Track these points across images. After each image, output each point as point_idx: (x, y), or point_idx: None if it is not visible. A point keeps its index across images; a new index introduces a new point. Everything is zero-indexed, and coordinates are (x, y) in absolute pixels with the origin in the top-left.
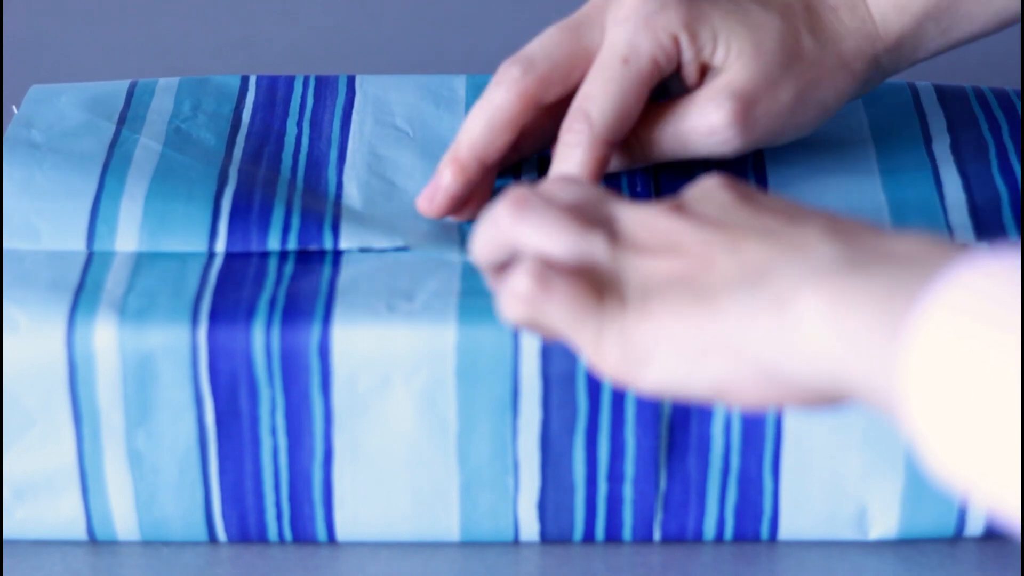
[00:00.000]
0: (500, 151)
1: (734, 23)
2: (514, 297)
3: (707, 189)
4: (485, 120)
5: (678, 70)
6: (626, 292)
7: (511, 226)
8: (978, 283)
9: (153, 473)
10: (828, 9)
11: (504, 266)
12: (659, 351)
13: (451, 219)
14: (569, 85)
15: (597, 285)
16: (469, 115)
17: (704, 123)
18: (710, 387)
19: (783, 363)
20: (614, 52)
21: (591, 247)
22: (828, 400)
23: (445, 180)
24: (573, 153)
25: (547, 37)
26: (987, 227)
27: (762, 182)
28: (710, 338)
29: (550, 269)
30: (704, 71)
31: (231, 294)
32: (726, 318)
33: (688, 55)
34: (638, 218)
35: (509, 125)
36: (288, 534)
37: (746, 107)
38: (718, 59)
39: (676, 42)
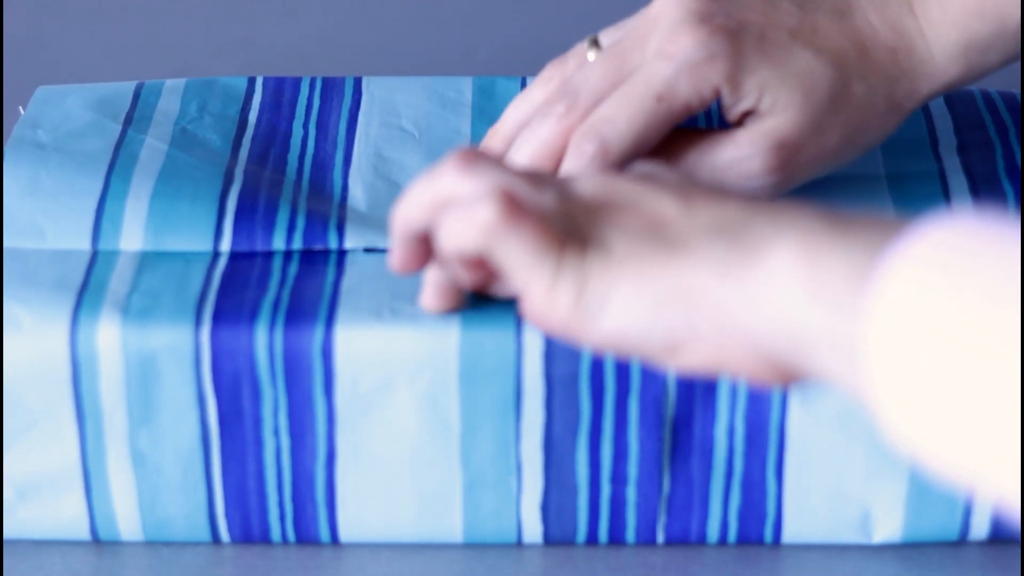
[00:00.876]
0: None
1: (784, 73)
2: (472, 223)
3: (659, 169)
4: (530, 152)
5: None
6: (587, 239)
7: (455, 181)
8: (943, 237)
9: (156, 473)
10: (885, 51)
11: (420, 241)
12: (617, 298)
13: None
14: None
15: (558, 230)
16: (515, 145)
17: (743, 168)
18: (664, 340)
19: (746, 317)
20: (649, 86)
21: (546, 199)
22: (778, 371)
23: None
24: (581, 169)
25: (591, 69)
26: None
27: None
28: (673, 286)
29: (519, 201)
30: (747, 113)
31: (235, 295)
32: (693, 265)
33: (728, 102)
34: (595, 181)
35: (552, 158)
36: (291, 535)
37: (789, 156)
38: (764, 106)
39: (716, 92)
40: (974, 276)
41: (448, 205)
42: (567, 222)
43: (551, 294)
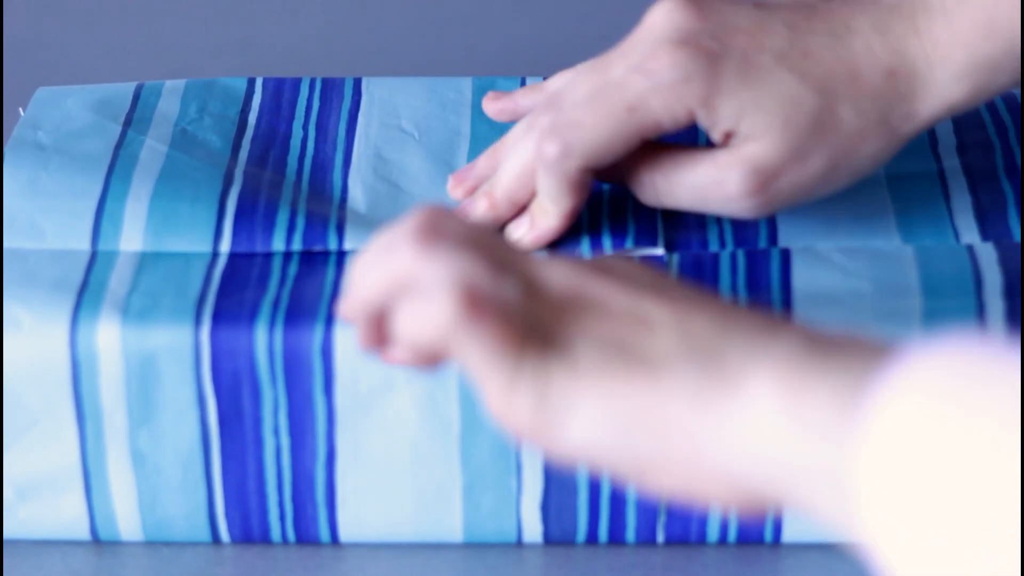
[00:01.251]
0: (531, 192)
1: (765, 98)
2: (428, 319)
3: (628, 264)
4: (519, 166)
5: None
6: (551, 340)
7: (412, 261)
8: (938, 363)
9: (156, 473)
10: (881, 75)
11: (381, 320)
12: (583, 410)
13: None
14: None
15: (519, 327)
16: (505, 157)
17: (721, 189)
18: (633, 465)
19: (719, 449)
20: (622, 96)
21: (508, 291)
22: (753, 502)
23: (479, 210)
24: (548, 176)
25: (576, 81)
26: (993, 230)
27: None
28: (642, 409)
29: (478, 296)
30: (729, 135)
31: (235, 295)
32: (664, 390)
33: (705, 124)
34: (559, 271)
35: (536, 171)
36: (291, 535)
37: (767, 181)
38: (743, 130)
39: (691, 114)
40: (979, 405)
41: (404, 289)
42: (530, 318)
43: (508, 396)
